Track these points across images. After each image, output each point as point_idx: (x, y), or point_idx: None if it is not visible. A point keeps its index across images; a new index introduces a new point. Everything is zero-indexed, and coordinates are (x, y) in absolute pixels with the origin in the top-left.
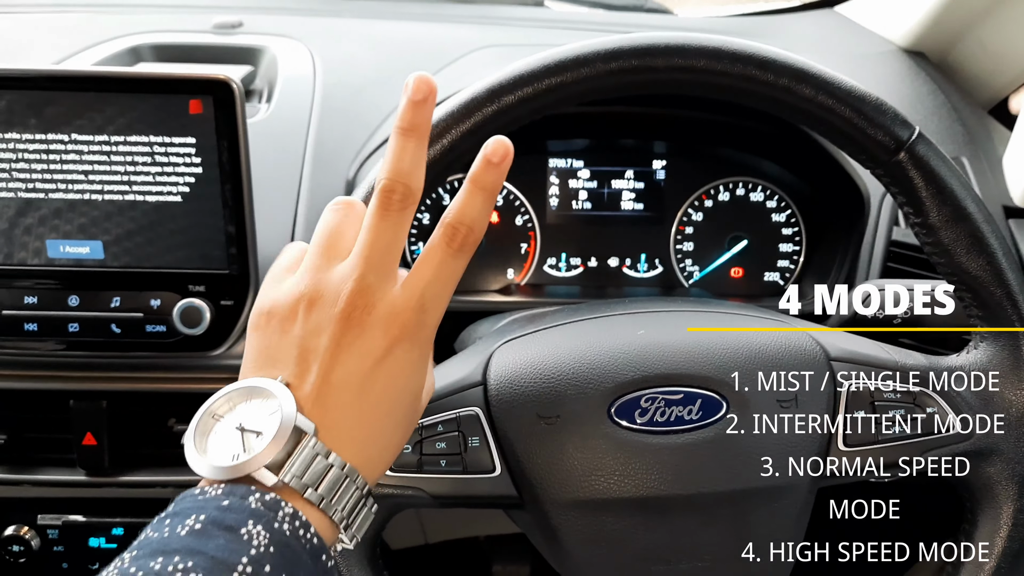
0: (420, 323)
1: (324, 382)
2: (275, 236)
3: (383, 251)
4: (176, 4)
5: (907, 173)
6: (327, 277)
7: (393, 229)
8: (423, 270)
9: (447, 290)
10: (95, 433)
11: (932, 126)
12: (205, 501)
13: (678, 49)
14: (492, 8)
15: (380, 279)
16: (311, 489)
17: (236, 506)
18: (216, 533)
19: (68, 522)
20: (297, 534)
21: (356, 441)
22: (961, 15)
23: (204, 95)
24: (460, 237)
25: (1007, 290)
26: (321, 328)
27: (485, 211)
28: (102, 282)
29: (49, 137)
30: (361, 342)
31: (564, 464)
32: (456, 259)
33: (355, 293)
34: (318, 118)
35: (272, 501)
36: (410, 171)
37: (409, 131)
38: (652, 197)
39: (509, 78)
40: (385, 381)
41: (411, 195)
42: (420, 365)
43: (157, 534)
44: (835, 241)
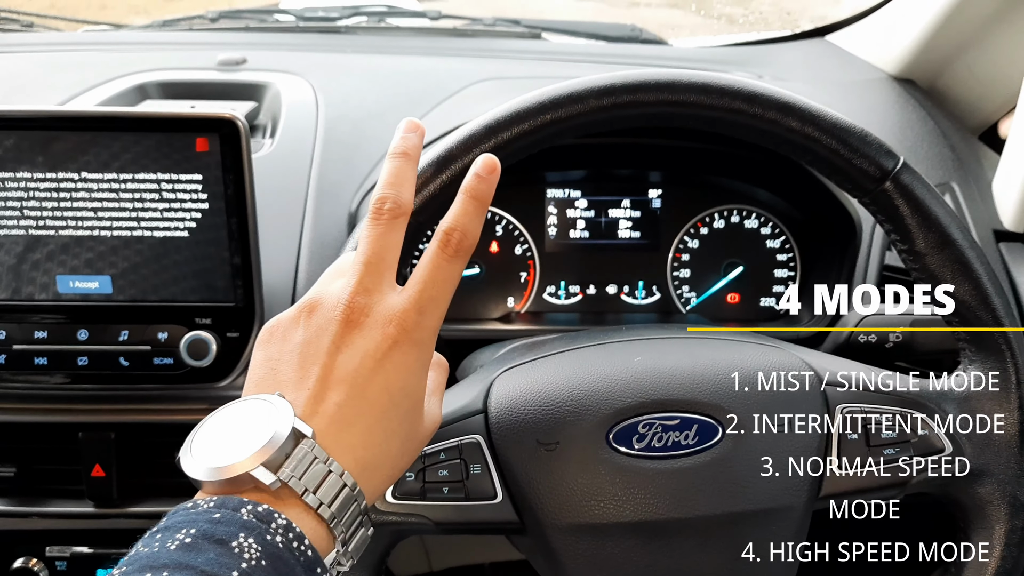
0: (418, 324)
1: (323, 385)
2: (280, 269)
3: (378, 257)
4: (181, 42)
5: (893, 201)
6: (328, 288)
7: (385, 236)
8: (419, 274)
9: (444, 293)
10: (103, 465)
11: (922, 152)
12: (197, 514)
13: (668, 85)
14: (491, 41)
15: (377, 283)
16: (310, 493)
17: (228, 518)
18: (207, 547)
19: (76, 554)
20: (291, 546)
21: (353, 446)
22: (950, 42)
23: (210, 133)
24: (454, 242)
25: (993, 314)
26: (322, 330)
27: (477, 219)
28: (110, 316)
29: (59, 176)
30: (361, 341)
31: (564, 489)
32: (451, 263)
33: (354, 295)
34: (321, 151)
35: (265, 512)
36: (399, 184)
37: (399, 155)
38: (648, 225)
39: (506, 115)
40: (383, 380)
41: (400, 205)
42: (419, 368)
43: (147, 549)
44: (829, 266)
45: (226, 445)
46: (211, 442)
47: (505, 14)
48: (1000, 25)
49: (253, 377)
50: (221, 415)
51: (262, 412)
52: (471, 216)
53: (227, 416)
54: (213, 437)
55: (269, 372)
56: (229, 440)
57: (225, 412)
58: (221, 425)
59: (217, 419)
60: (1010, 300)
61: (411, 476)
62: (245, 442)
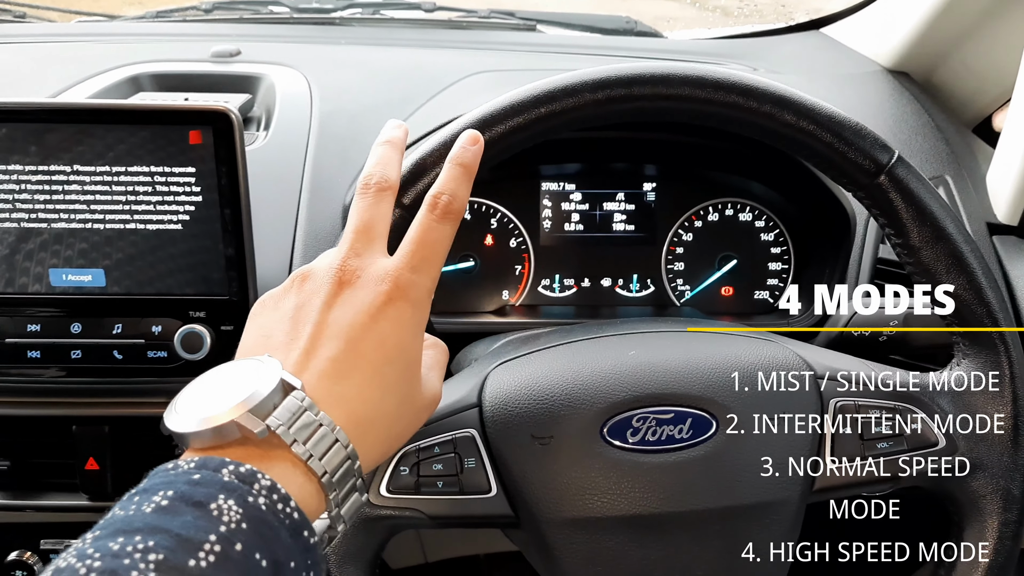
0: (412, 282)
1: (314, 343)
2: (274, 262)
3: (367, 225)
4: (175, 33)
5: (887, 195)
6: (318, 260)
7: (374, 207)
8: (410, 235)
9: (436, 254)
10: (98, 458)
11: (916, 145)
12: (176, 475)
13: (663, 78)
14: (486, 34)
15: (368, 248)
16: (299, 444)
17: (207, 479)
18: (184, 509)
19: None
20: (275, 508)
21: (346, 399)
22: (945, 36)
23: (204, 126)
24: (442, 205)
25: (987, 308)
26: (314, 293)
27: (464, 184)
28: (104, 309)
29: (51, 168)
30: (354, 298)
31: (558, 483)
32: (441, 224)
33: (345, 259)
34: (315, 144)
35: (247, 473)
36: (384, 165)
37: (384, 143)
38: (643, 218)
39: (501, 108)
40: (377, 335)
41: (386, 181)
42: (414, 326)
43: (123, 512)
44: (823, 260)
45: (211, 399)
46: (196, 399)
47: (500, 6)
48: (995, 19)
49: (245, 344)
50: (207, 376)
51: (249, 369)
52: (458, 181)
53: (213, 376)
54: (198, 394)
55: (261, 339)
56: (215, 395)
57: (212, 373)
58: (207, 384)
59: (203, 379)
60: (1004, 294)
61: (405, 470)
62: (231, 394)
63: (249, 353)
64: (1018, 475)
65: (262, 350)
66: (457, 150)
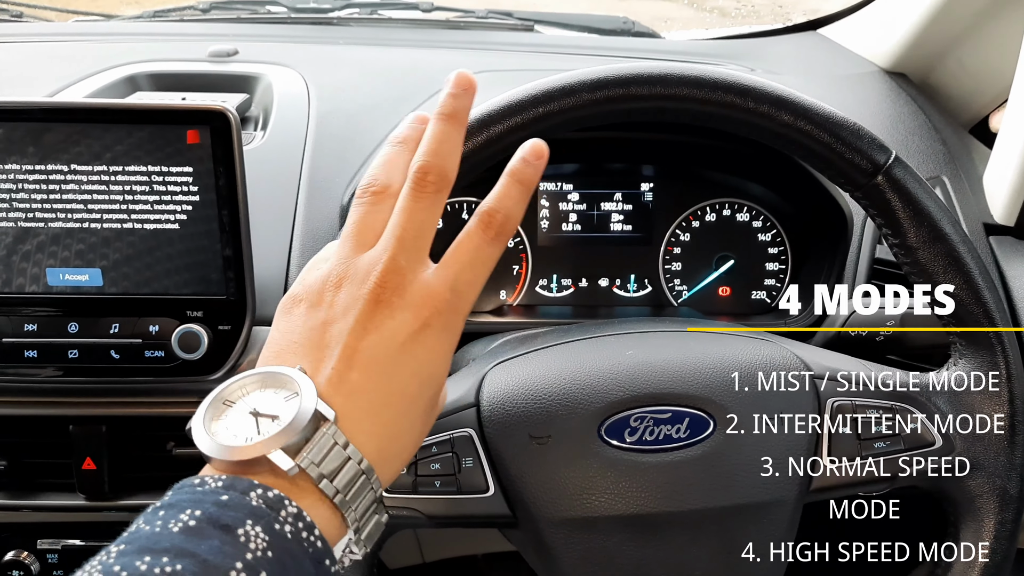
0: (453, 307)
1: (346, 366)
2: (272, 262)
3: (416, 233)
4: (172, 33)
5: (885, 196)
6: (357, 260)
7: (427, 211)
8: (458, 254)
9: (480, 277)
10: (95, 458)
11: (913, 145)
12: (204, 494)
13: (661, 78)
14: (483, 34)
15: (412, 261)
16: (327, 480)
17: (235, 502)
18: (211, 532)
19: (68, 546)
20: (299, 536)
21: (376, 434)
22: (941, 36)
23: (201, 125)
24: (496, 224)
25: (984, 308)
26: (348, 308)
27: (521, 202)
28: (101, 309)
29: (48, 167)
30: (390, 323)
31: (556, 483)
32: (491, 246)
33: (386, 272)
34: (313, 144)
35: (275, 499)
36: (447, 154)
37: (450, 117)
38: (641, 219)
39: (498, 108)
40: (414, 366)
41: (446, 178)
42: (447, 354)
43: (149, 527)
44: (820, 260)
45: (242, 421)
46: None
47: (498, 6)
48: (991, 20)
49: (273, 347)
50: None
51: (283, 387)
52: (515, 199)
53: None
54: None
55: (289, 344)
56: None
57: (241, 382)
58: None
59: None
60: (1000, 294)
61: (403, 470)
62: (263, 421)
63: (277, 358)
64: (1015, 475)
65: (291, 359)
66: (518, 163)
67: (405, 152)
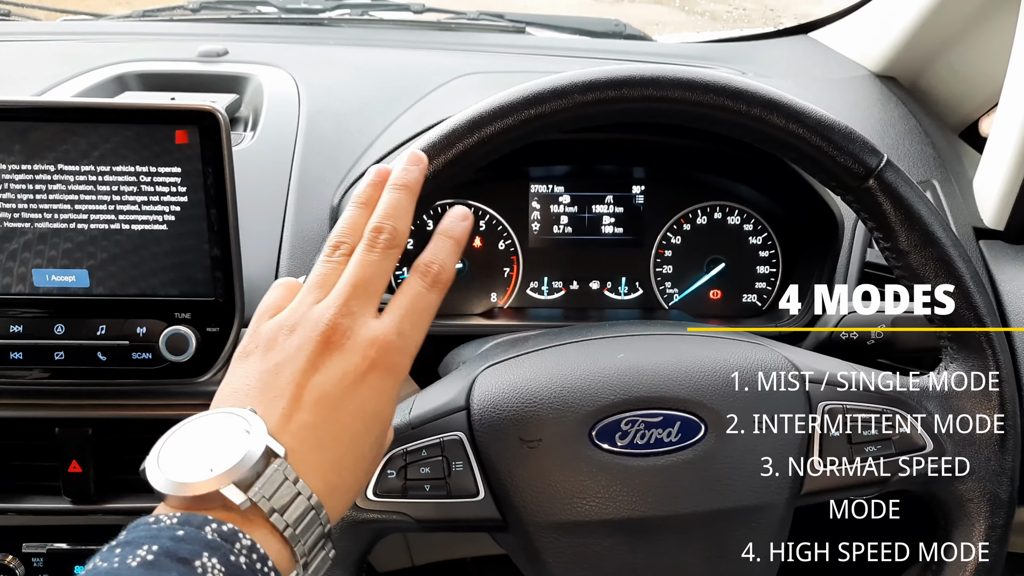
0: (397, 348)
1: (297, 405)
2: (261, 264)
3: (367, 283)
4: (162, 32)
5: (876, 199)
6: (311, 309)
7: (377, 264)
8: (401, 300)
9: (423, 320)
10: (80, 461)
11: (903, 149)
12: (159, 530)
13: (653, 80)
14: (475, 35)
15: (362, 307)
16: (277, 514)
17: (191, 536)
18: (169, 565)
19: (53, 550)
20: (254, 567)
21: (323, 469)
22: (932, 41)
23: (190, 125)
24: (432, 274)
25: (975, 312)
26: (299, 349)
27: (453, 255)
28: (88, 310)
29: (35, 167)
30: (338, 363)
31: (546, 487)
32: (430, 292)
33: (337, 316)
34: (303, 145)
35: (229, 532)
36: (399, 217)
37: (403, 187)
38: (632, 221)
39: (489, 109)
40: (358, 403)
41: (397, 236)
42: (392, 394)
43: (107, 564)
44: (811, 263)
45: (195, 459)
46: (179, 455)
47: (489, 8)
48: (981, 24)
49: (226, 390)
50: (190, 426)
51: (234, 426)
52: (447, 252)
53: (197, 428)
54: (182, 449)
55: (242, 388)
56: (198, 454)
57: (195, 423)
58: (190, 437)
59: (186, 431)
60: (991, 298)
61: (392, 474)
62: (215, 458)
63: (229, 401)
64: (1005, 478)
65: (244, 400)
66: (448, 222)
67: (367, 213)
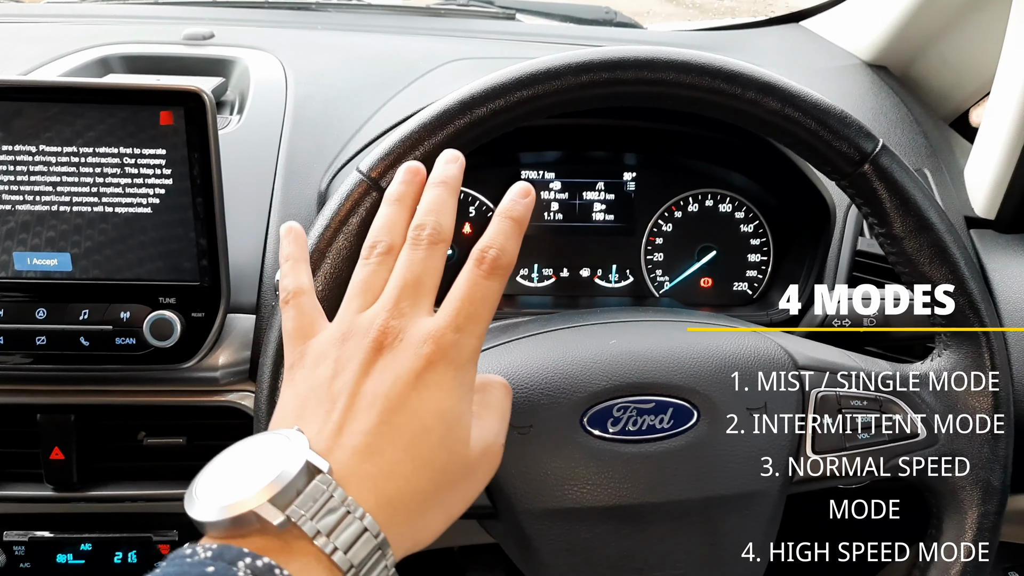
0: (456, 343)
1: (349, 413)
2: (247, 248)
3: (415, 281)
4: (146, 15)
5: (871, 185)
6: (360, 317)
7: (425, 262)
8: (456, 292)
9: (482, 312)
10: (63, 447)
11: (895, 138)
12: (191, 565)
13: (647, 62)
14: (464, 21)
15: (414, 307)
16: (322, 535)
17: (221, 572)
18: None
19: (35, 538)
20: None
21: (376, 478)
22: (923, 30)
23: (175, 106)
24: (490, 259)
25: (970, 298)
26: (351, 358)
27: (513, 238)
28: (70, 294)
29: (16, 148)
30: (392, 365)
31: (537, 474)
32: (488, 280)
33: (388, 318)
34: (290, 130)
35: (264, 568)
36: (439, 212)
37: (442, 183)
38: (623, 208)
39: (481, 90)
40: (416, 404)
41: (442, 231)
42: (458, 390)
43: None
44: (802, 251)
45: (232, 482)
46: (217, 480)
47: None
48: (973, 13)
49: (279, 414)
50: (231, 452)
51: (275, 446)
52: (508, 235)
53: (238, 452)
54: (220, 475)
55: (296, 409)
56: (236, 477)
57: (236, 448)
58: (231, 462)
59: (227, 456)
60: (983, 285)
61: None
62: (252, 479)
63: (278, 424)
64: (998, 467)
65: (292, 421)
66: (507, 203)
67: (403, 210)
